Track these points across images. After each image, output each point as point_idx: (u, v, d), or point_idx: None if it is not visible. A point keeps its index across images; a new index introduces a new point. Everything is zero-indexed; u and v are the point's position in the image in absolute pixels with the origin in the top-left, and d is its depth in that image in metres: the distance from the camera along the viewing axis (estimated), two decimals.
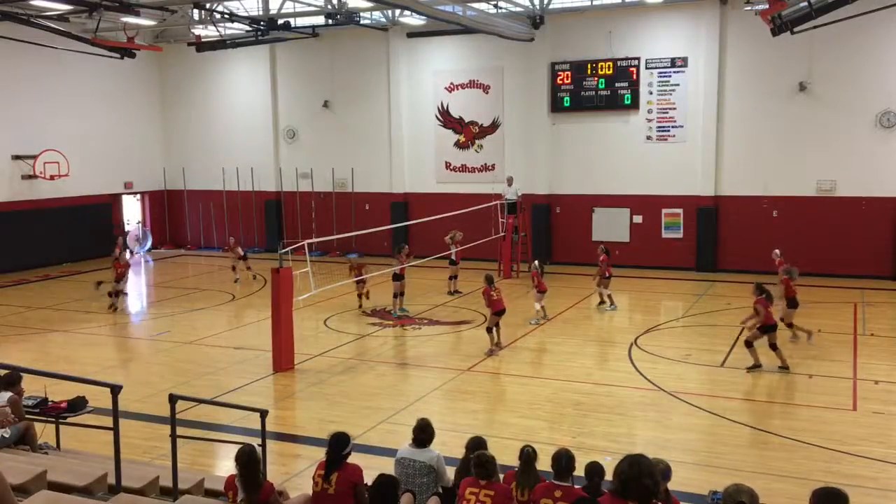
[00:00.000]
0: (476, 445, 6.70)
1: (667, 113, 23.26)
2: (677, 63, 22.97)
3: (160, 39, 28.05)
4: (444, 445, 7.73)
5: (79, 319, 18.07)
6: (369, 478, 6.13)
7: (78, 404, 8.86)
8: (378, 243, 25.06)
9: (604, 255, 18.50)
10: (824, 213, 21.88)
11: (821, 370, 13.28)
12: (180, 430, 7.36)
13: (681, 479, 7.60)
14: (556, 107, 24.35)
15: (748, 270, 20.54)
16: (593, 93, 23.85)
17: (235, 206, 28.97)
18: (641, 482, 4.34)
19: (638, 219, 23.97)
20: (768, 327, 13.29)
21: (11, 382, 8.24)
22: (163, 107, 29.98)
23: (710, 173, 22.92)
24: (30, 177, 24.82)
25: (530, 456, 6.35)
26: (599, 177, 24.16)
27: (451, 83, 25.82)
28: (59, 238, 25.48)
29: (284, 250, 14.62)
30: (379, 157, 26.97)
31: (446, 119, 26.06)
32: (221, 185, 28.99)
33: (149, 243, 29.43)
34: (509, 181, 23.30)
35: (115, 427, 6.57)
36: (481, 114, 25.58)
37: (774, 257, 17.81)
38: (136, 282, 24.35)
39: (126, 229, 28.87)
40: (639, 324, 17.42)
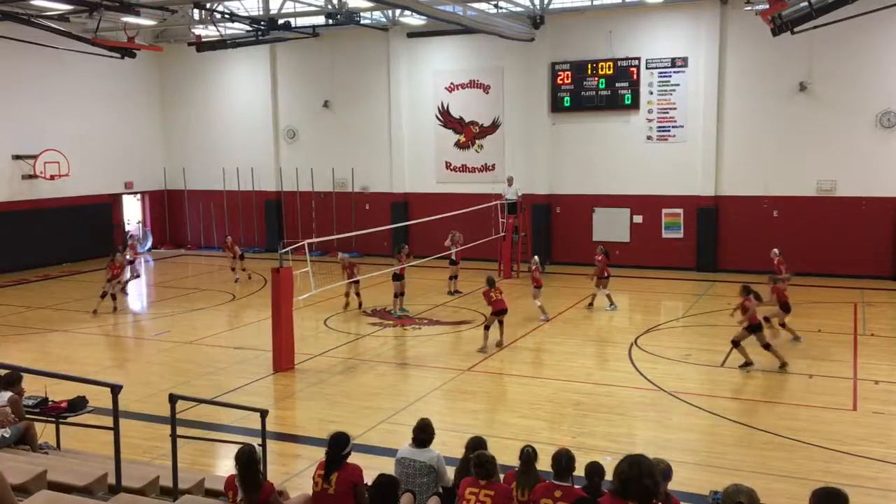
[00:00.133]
0: (476, 445, 6.70)
1: (667, 113, 23.26)
2: (677, 63, 22.97)
3: (160, 39, 28.06)
4: (444, 445, 7.73)
5: (79, 319, 18.07)
6: (369, 478, 6.14)
7: (78, 404, 8.87)
8: (378, 243, 25.07)
9: (602, 256, 18.52)
10: (824, 213, 21.88)
11: (821, 370, 13.28)
12: (180, 430, 7.37)
13: (681, 479, 7.59)
14: (556, 107, 24.36)
15: (748, 270, 20.54)
16: (593, 93, 23.86)
17: (236, 206, 28.97)
18: (641, 482, 4.34)
19: (638, 219, 23.97)
20: (755, 327, 13.37)
21: (11, 382, 8.24)
22: (163, 107, 29.99)
23: (711, 173, 22.92)
24: (30, 177, 24.83)
25: (530, 456, 6.35)
26: (600, 177, 24.17)
27: (452, 83, 25.82)
28: (60, 238, 25.48)
29: (285, 250, 14.63)
30: (379, 157, 26.97)
31: (446, 119, 26.06)
32: (222, 185, 29.00)
33: (149, 243, 29.44)
34: (509, 181, 23.30)
35: (116, 427, 6.57)
36: (481, 114, 25.57)
37: (773, 256, 17.82)
38: (137, 282, 24.35)
39: (126, 229, 28.90)
40: (639, 324, 17.42)
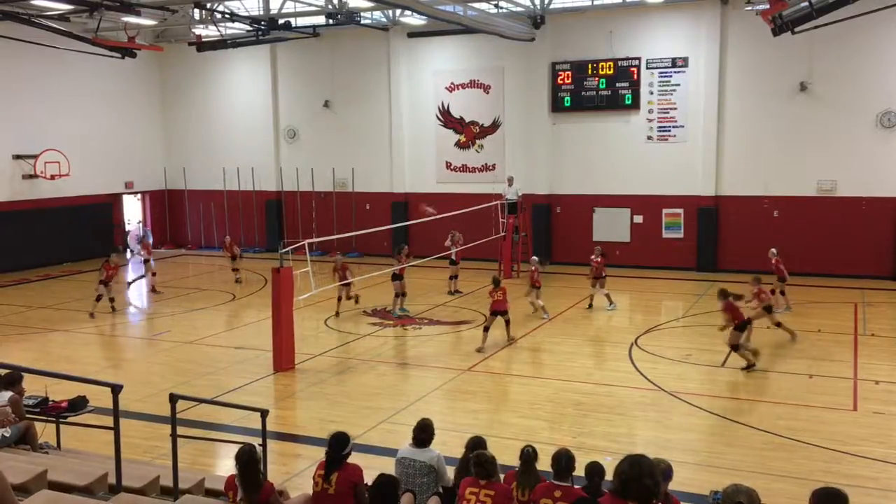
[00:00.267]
0: (475, 445, 6.69)
1: (667, 113, 23.25)
2: (678, 63, 22.97)
3: (161, 39, 28.05)
4: (444, 445, 7.74)
5: (79, 319, 18.06)
6: (369, 478, 6.14)
7: (78, 404, 8.87)
8: (378, 243, 25.07)
9: (601, 258, 18.57)
10: (825, 213, 21.88)
11: (821, 370, 13.28)
12: (181, 430, 7.37)
13: (681, 479, 7.59)
14: (556, 107, 24.35)
15: (749, 270, 20.42)
16: (594, 93, 23.85)
17: (236, 205, 28.97)
18: (642, 482, 4.33)
19: (638, 219, 23.97)
20: (742, 325, 13.54)
21: (12, 382, 8.24)
22: (163, 106, 29.99)
23: (711, 173, 22.92)
24: (30, 176, 24.83)
25: (530, 456, 6.35)
26: (600, 177, 24.16)
27: (452, 83, 25.81)
28: (60, 238, 25.48)
29: (285, 250, 14.64)
30: (379, 157, 26.97)
31: (447, 119, 26.06)
32: (222, 185, 29.00)
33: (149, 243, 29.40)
34: (510, 181, 23.29)
35: (116, 427, 6.57)
36: (482, 114, 25.57)
37: (771, 256, 17.86)
38: (137, 281, 24.34)
39: (126, 229, 28.93)
40: (639, 324, 17.42)
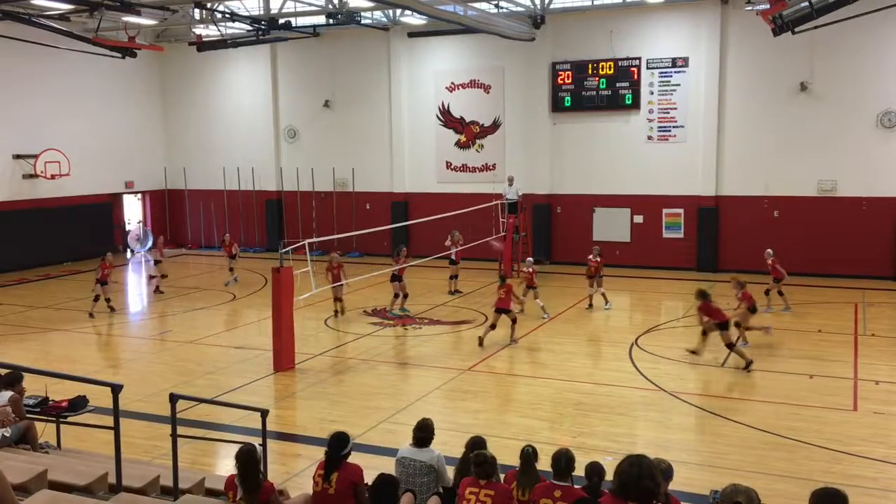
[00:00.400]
0: (475, 445, 6.69)
1: (668, 113, 23.24)
2: (678, 63, 22.96)
3: (161, 39, 28.06)
4: (444, 445, 7.74)
5: (79, 319, 18.05)
6: (369, 477, 6.14)
7: (78, 404, 8.87)
8: (378, 243, 25.07)
9: (600, 258, 18.57)
10: (825, 213, 21.87)
11: (821, 370, 13.28)
12: (181, 430, 7.36)
13: (682, 479, 7.59)
14: (556, 107, 24.34)
15: (749, 270, 20.48)
16: (594, 93, 23.84)
17: (236, 205, 28.96)
18: (642, 483, 4.32)
19: (639, 219, 23.96)
20: (724, 324, 13.77)
21: (12, 382, 8.24)
22: (164, 106, 29.98)
23: (711, 173, 22.91)
24: (31, 176, 24.82)
25: (530, 456, 6.35)
26: (600, 177, 24.15)
27: (452, 83, 25.81)
28: (60, 237, 25.45)
29: (285, 250, 14.63)
30: (380, 156, 26.96)
31: (447, 119, 26.05)
32: (222, 185, 28.99)
33: (149, 243, 29.43)
34: (510, 181, 23.28)
35: (116, 426, 6.56)
36: (482, 113, 25.56)
37: (767, 257, 17.87)
38: (137, 281, 24.38)
39: (127, 229, 28.93)
40: (639, 324, 17.42)
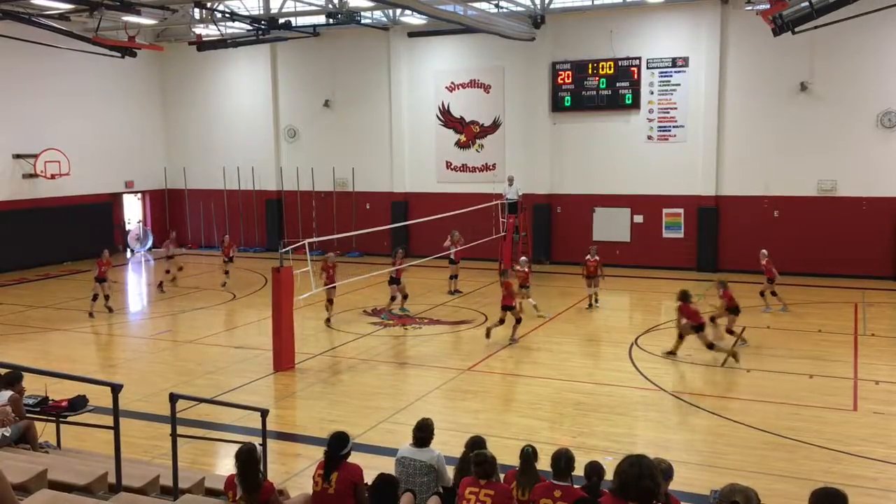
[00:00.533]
0: (475, 445, 6.69)
1: (668, 113, 23.24)
2: (678, 63, 22.96)
3: (161, 39, 28.05)
4: (444, 445, 7.73)
5: (79, 318, 18.04)
6: (369, 477, 6.14)
7: (78, 403, 8.88)
8: (378, 243, 25.07)
9: (598, 258, 18.64)
10: (825, 213, 21.87)
11: (821, 370, 13.28)
12: (181, 430, 7.36)
13: (682, 479, 7.59)
14: (556, 106, 24.34)
15: (749, 270, 20.49)
16: (594, 92, 23.84)
17: (236, 205, 28.96)
18: (642, 483, 4.31)
19: (639, 218, 23.96)
20: (699, 326, 13.96)
21: (12, 381, 8.24)
22: (164, 106, 29.98)
23: (711, 173, 22.91)
24: (31, 176, 24.81)
25: (530, 455, 6.35)
26: (600, 176, 24.15)
27: (452, 83, 25.80)
28: (60, 237, 25.44)
29: (285, 250, 14.63)
30: (380, 156, 26.96)
31: (447, 118, 26.05)
32: (222, 185, 28.99)
33: (149, 242, 29.44)
34: (510, 181, 23.28)
35: (116, 426, 6.56)
36: (482, 113, 25.56)
37: (762, 258, 17.88)
38: (137, 281, 24.40)
39: (126, 228, 28.92)
40: (639, 324, 17.42)
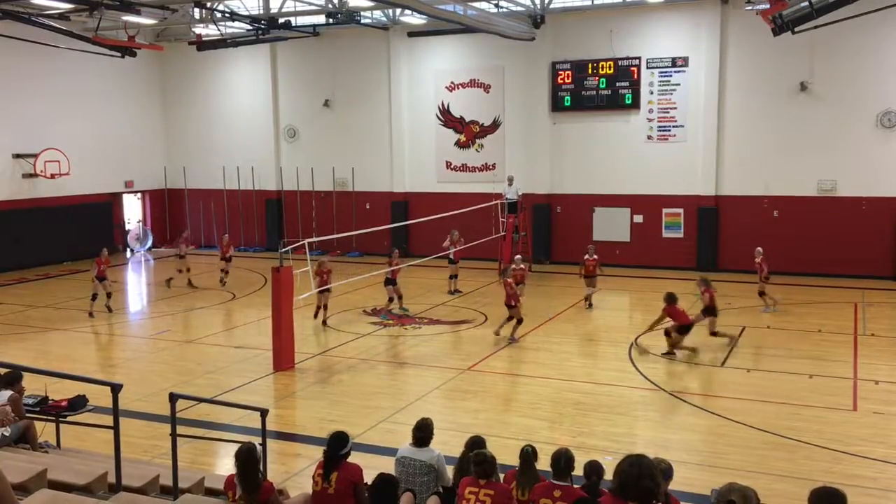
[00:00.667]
0: (475, 444, 6.69)
1: (667, 112, 23.25)
2: (678, 63, 22.96)
3: (161, 38, 28.04)
4: (444, 445, 7.73)
5: (79, 318, 18.04)
6: (369, 477, 6.13)
7: (78, 403, 8.87)
8: (378, 243, 25.06)
9: (596, 256, 18.71)
10: (825, 213, 21.87)
11: (821, 370, 13.28)
12: (180, 429, 7.36)
13: (682, 478, 7.59)
14: (556, 106, 24.34)
15: (749, 270, 20.48)
16: (594, 92, 23.84)
17: (236, 205, 28.96)
18: (641, 482, 4.31)
19: (638, 218, 23.97)
20: (685, 327, 14.04)
21: (12, 381, 8.24)
22: (163, 106, 29.97)
23: (711, 173, 22.91)
24: (30, 175, 24.81)
25: (530, 455, 6.34)
26: (600, 176, 24.15)
27: (452, 82, 25.80)
28: (60, 237, 25.44)
29: (285, 249, 14.63)
30: (379, 156, 26.96)
31: (447, 118, 26.05)
32: (222, 184, 28.99)
33: (149, 242, 29.44)
34: (510, 180, 23.29)
35: (116, 426, 6.56)
36: (482, 113, 25.56)
37: (756, 255, 17.89)
38: (137, 280, 24.40)
39: (126, 228, 28.92)
40: (639, 323, 17.39)
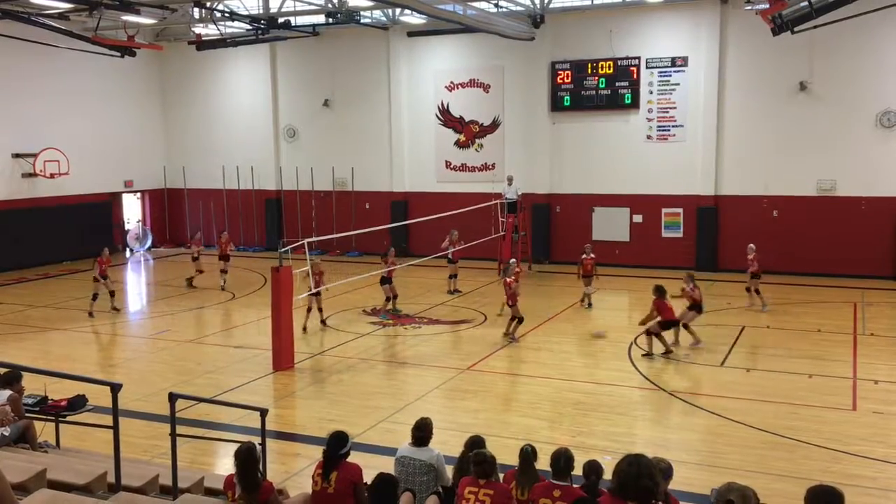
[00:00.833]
0: (474, 444, 6.69)
1: (667, 112, 23.24)
2: (678, 62, 22.96)
3: (160, 38, 28.03)
4: (443, 444, 7.73)
5: (79, 318, 18.03)
6: (368, 477, 6.13)
7: (78, 403, 8.87)
8: (377, 242, 25.04)
9: (593, 255, 18.77)
10: (824, 212, 21.87)
11: (821, 370, 13.28)
12: (180, 429, 7.35)
13: (681, 478, 7.59)
14: (556, 106, 24.34)
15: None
16: (594, 92, 23.84)
17: (235, 205, 28.94)
18: (640, 482, 4.31)
19: (638, 218, 23.96)
20: (670, 323, 14.21)
21: (11, 381, 8.24)
22: (163, 105, 29.96)
23: (711, 173, 22.91)
24: (30, 175, 24.80)
25: (529, 455, 6.34)
26: (599, 176, 24.15)
27: (452, 82, 25.80)
28: (59, 236, 25.42)
29: (284, 249, 14.62)
30: (379, 156, 26.95)
31: (446, 118, 26.04)
32: (222, 184, 28.98)
33: (149, 242, 29.42)
34: (509, 180, 23.29)
35: (115, 425, 6.55)
36: (481, 113, 25.55)
37: (749, 252, 17.89)
38: (136, 280, 24.40)
39: (126, 228, 28.90)
40: (640, 326, 17.37)
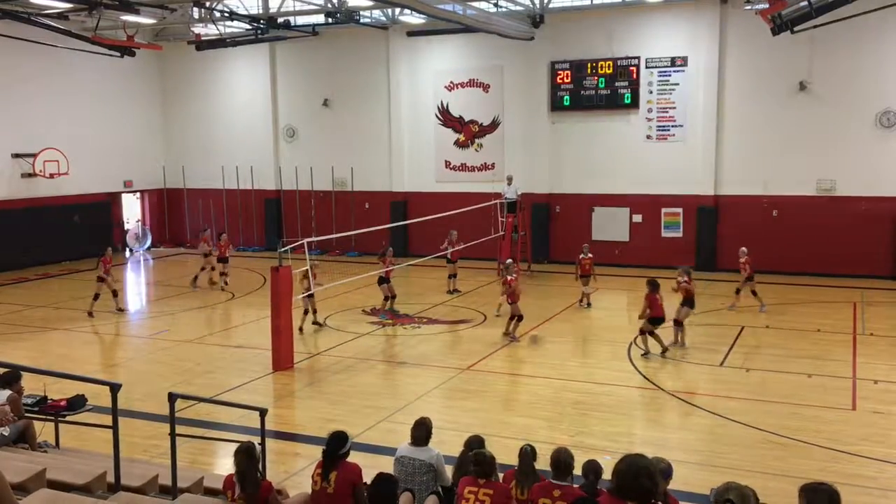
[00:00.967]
0: (474, 444, 6.70)
1: (667, 112, 23.25)
2: (677, 62, 22.96)
3: (160, 38, 28.00)
4: (443, 444, 7.74)
5: (78, 318, 18.02)
6: (368, 476, 6.14)
7: (77, 403, 8.88)
8: (377, 242, 25.02)
9: (591, 255, 18.87)
10: (824, 212, 21.86)
11: (820, 370, 13.28)
12: (180, 429, 7.34)
13: (680, 478, 7.59)
14: (555, 106, 24.34)
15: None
16: (593, 92, 23.84)
17: (235, 204, 28.95)
18: (639, 482, 4.29)
19: (638, 218, 23.97)
20: (657, 319, 14.17)
21: (11, 381, 8.25)
22: (163, 105, 29.96)
23: (710, 172, 22.91)
24: (29, 175, 24.79)
25: (529, 455, 6.35)
26: (599, 176, 24.15)
27: (451, 82, 25.79)
28: (59, 236, 25.42)
29: (284, 249, 14.62)
30: (379, 156, 26.95)
31: (446, 118, 26.04)
32: (221, 184, 28.98)
33: (148, 242, 29.42)
34: (509, 180, 23.28)
35: (115, 425, 6.55)
36: (481, 113, 25.56)
37: (741, 255, 17.90)
38: (136, 280, 24.40)
39: (126, 227, 28.90)
40: (638, 323, 17.36)
